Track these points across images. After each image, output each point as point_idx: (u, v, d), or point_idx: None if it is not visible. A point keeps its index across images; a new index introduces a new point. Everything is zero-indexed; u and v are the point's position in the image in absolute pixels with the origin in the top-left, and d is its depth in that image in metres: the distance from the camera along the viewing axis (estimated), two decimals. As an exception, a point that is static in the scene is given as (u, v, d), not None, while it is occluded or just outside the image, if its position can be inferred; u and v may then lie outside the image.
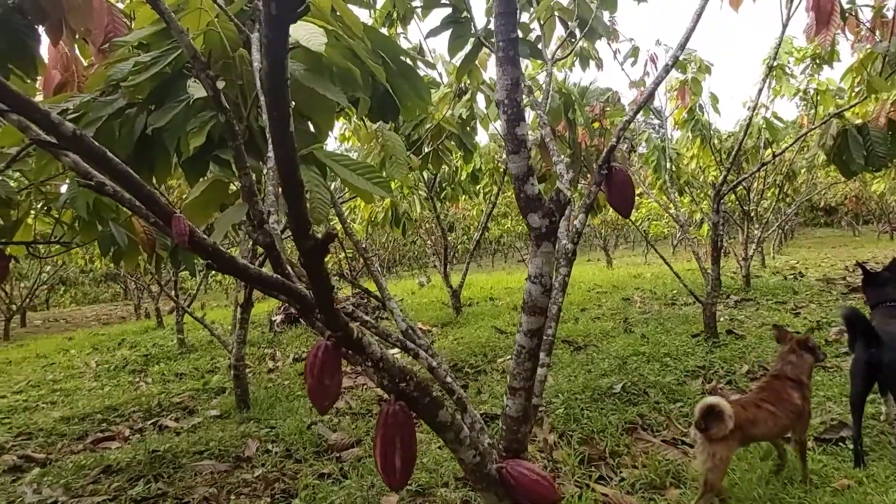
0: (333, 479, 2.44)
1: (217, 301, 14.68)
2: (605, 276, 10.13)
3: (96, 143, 0.73)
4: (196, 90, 1.45)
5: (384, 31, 3.20)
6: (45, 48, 2.14)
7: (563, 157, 2.07)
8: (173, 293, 5.42)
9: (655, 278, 8.61)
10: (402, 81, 1.94)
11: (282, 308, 6.56)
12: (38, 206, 3.13)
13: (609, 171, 1.54)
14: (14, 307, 11.27)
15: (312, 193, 1.46)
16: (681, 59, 3.17)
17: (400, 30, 3.67)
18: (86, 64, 2.48)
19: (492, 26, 2.73)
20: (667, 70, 1.75)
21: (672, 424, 2.65)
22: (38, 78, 2.26)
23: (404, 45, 3.96)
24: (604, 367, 3.62)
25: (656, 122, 6.50)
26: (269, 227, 1.14)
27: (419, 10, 3.31)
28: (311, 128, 1.74)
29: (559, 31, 2.71)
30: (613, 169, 1.54)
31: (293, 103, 1.68)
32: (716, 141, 5.68)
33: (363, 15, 4.58)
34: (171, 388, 4.39)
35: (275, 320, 6.53)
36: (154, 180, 1.97)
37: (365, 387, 3.92)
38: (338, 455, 2.74)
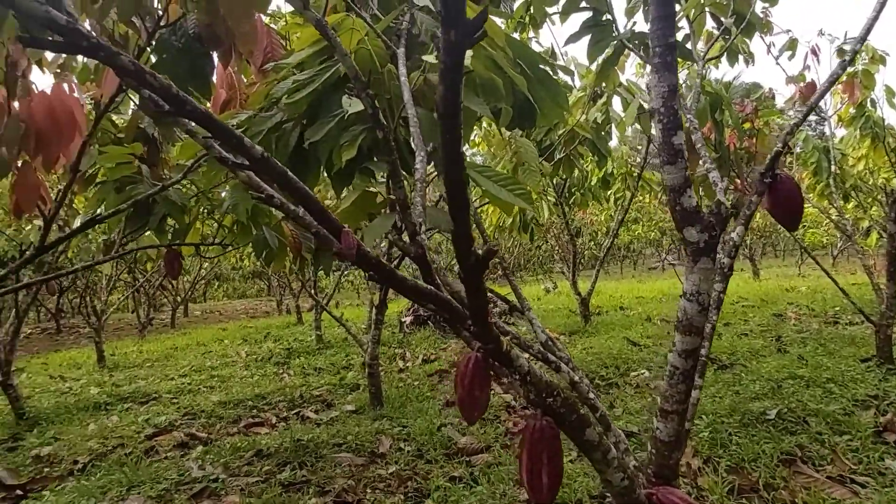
0: (464, 483, 2.48)
1: (349, 300, 15.52)
2: (752, 288, 9.34)
3: (279, 164, 0.79)
4: (351, 106, 1.54)
5: (515, 36, 3.20)
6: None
7: (713, 163, 1.94)
8: (312, 292, 5.80)
9: (812, 293, 7.79)
10: (540, 89, 1.92)
11: (411, 310, 6.78)
12: (205, 211, 3.51)
13: (774, 180, 1.41)
14: (178, 299, 12.71)
15: (457, 204, 1.49)
16: (849, 49, 2.86)
17: (531, 34, 3.65)
18: (247, 83, 2.74)
19: (638, 27, 2.63)
20: (843, 67, 1.57)
21: (838, 459, 2.37)
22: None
23: (535, 49, 3.93)
24: (754, 389, 3.32)
25: (813, 119, 5.90)
26: (421, 239, 1.18)
27: (554, 15, 3.27)
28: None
29: (708, 25, 2.55)
30: (779, 177, 1.41)
31: (430, 114, 1.74)
32: (890, 140, 5.02)
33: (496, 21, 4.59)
34: (310, 381, 4.70)
35: (404, 321, 6.77)
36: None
37: (492, 393, 3.94)
38: (467, 459, 2.77)
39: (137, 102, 2.64)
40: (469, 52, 1.42)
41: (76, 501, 2.58)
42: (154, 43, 2.17)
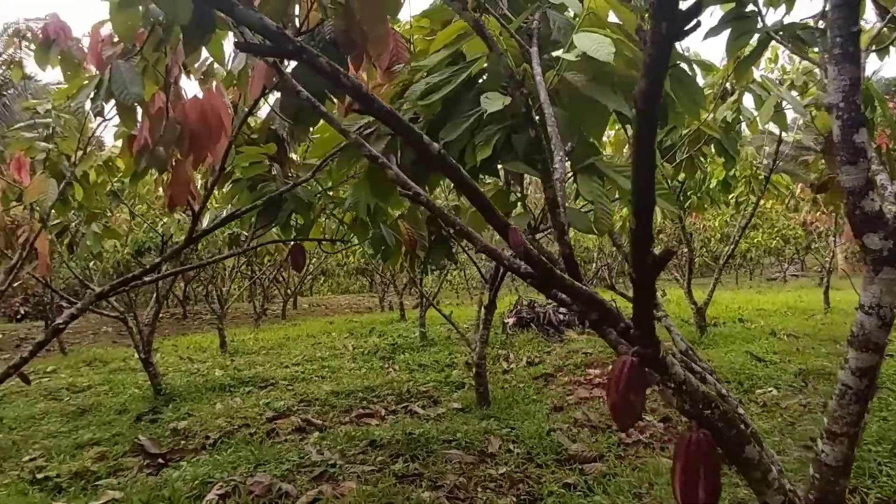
0: (580, 491, 2.42)
1: (448, 299, 15.74)
2: None
3: (454, 162, 0.81)
4: (489, 105, 1.54)
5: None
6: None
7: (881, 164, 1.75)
8: (420, 289, 5.93)
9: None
10: (677, 87, 1.84)
11: (514, 311, 6.75)
12: (326, 208, 3.68)
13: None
14: (289, 292, 13.46)
15: (596, 204, 1.46)
16: None
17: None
18: (371, 84, 2.84)
19: (788, 18, 2.44)
20: None
21: None
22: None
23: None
24: (903, 416, 3.00)
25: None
26: (568, 239, 1.16)
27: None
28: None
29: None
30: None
31: (566, 113, 1.71)
32: None
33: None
34: (416, 377, 4.80)
35: (507, 322, 6.76)
36: (426, 188, 2.17)
37: (602, 399, 3.83)
38: (580, 467, 2.71)
39: (275, 105, 2.81)
40: (611, 49, 1.39)
41: (211, 473, 2.79)
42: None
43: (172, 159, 2.45)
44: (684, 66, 1.85)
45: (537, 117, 1.41)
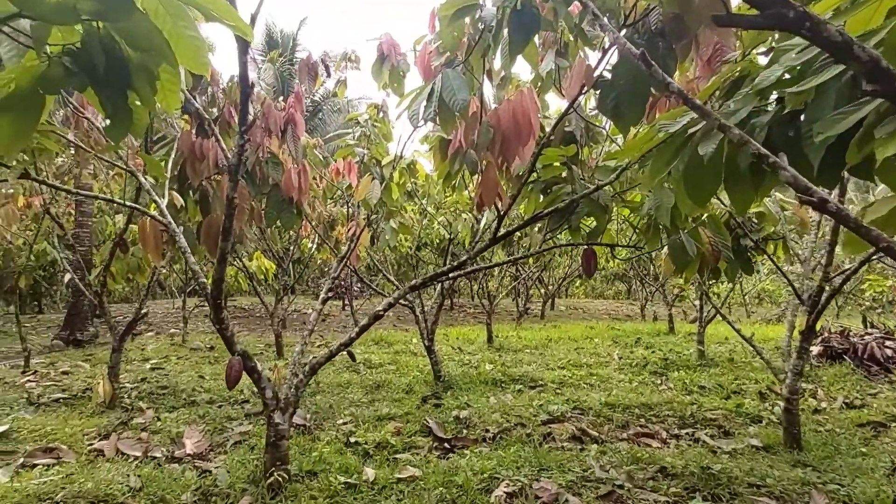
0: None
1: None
2: None
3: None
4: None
5: None
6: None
7: None
8: (708, 304, 5.37)
9: None
10: None
11: (820, 340, 5.70)
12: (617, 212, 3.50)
13: None
14: (547, 292, 13.59)
15: None
16: None
17: None
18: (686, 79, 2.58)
19: None
20: None
21: None
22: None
23: None
24: None
25: None
26: None
27: None
28: None
29: None
30: None
31: None
32: None
33: None
34: (699, 400, 4.33)
35: (809, 351, 5.73)
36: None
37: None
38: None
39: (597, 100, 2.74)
40: None
41: (497, 469, 2.85)
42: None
43: (484, 161, 2.54)
44: None
45: None
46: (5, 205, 4.80)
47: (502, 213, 2.54)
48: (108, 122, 1.26)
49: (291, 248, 7.24)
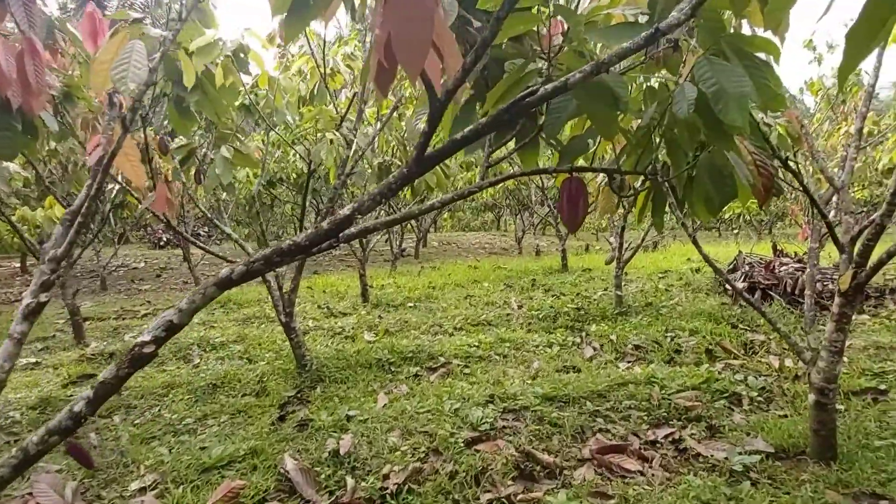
0: None
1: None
2: None
3: None
4: None
5: None
6: None
7: None
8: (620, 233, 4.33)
9: None
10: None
11: (742, 273, 4.99)
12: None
13: None
14: (420, 229, 12.38)
15: None
16: None
17: None
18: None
19: None
20: None
21: None
22: None
23: None
24: None
25: None
26: None
27: None
28: None
29: None
30: None
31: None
32: None
33: None
34: (657, 376, 3.28)
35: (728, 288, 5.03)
36: None
37: None
38: None
39: None
40: None
41: None
42: None
43: None
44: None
45: None
46: None
47: (450, 87, 1.02)
48: None
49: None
